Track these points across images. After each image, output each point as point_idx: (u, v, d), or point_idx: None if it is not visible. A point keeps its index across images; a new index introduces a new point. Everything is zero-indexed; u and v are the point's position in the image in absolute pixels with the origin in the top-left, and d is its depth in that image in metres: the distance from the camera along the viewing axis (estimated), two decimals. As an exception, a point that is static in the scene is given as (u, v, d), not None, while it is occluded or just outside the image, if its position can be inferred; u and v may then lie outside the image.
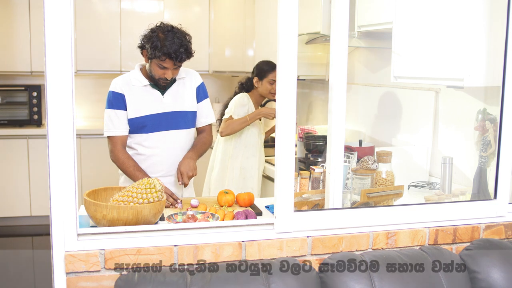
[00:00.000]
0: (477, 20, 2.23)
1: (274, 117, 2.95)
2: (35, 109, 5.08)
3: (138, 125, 2.50)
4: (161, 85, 2.51)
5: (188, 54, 2.44)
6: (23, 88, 5.10)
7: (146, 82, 2.51)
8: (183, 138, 2.60)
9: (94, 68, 5.24)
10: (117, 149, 2.48)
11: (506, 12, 2.01)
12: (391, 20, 2.69)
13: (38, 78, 5.19)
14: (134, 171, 2.44)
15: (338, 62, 1.90)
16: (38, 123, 5.12)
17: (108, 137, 2.51)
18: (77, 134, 1.65)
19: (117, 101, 2.48)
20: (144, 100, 2.50)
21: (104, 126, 2.51)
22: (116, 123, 2.48)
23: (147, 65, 2.49)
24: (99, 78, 5.50)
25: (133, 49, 5.37)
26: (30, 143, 4.97)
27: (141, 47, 2.48)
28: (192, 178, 2.61)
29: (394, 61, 2.67)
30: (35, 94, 5.08)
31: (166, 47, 2.36)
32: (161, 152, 2.55)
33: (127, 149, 2.53)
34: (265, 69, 3.42)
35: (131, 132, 2.52)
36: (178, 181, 2.47)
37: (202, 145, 2.65)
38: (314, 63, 3.83)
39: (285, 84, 1.76)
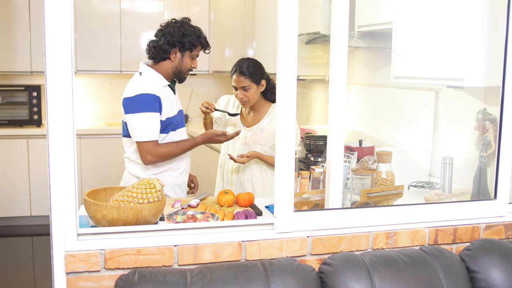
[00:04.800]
0: (477, 20, 2.23)
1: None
2: (35, 109, 5.08)
3: (170, 125, 2.51)
4: (185, 77, 2.56)
5: None
6: (23, 88, 5.09)
7: (167, 82, 2.53)
8: None
9: (94, 68, 5.23)
10: (155, 149, 2.42)
11: (506, 12, 2.01)
12: (391, 20, 2.69)
13: (38, 78, 5.19)
14: (182, 146, 2.51)
15: (338, 62, 1.90)
16: (38, 123, 5.11)
17: (146, 141, 2.40)
18: (77, 134, 1.65)
19: (156, 104, 2.41)
20: (170, 100, 2.53)
21: (143, 130, 2.39)
22: (157, 127, 2.42)
23: (176, 61, 2.48)
24: (99, 78, 5.50)
25: (133, 49, 5.33)
26: (30, 143, 4.96)
27: (172, 44, 2.44)
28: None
29: (394, 61, 2.67)
30: (35, 94, 5.08)
31: (201, 37, 2.50)
32: None
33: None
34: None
35: (162, 131, 2.50)
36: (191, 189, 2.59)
37: None
38: (314, 63, 3.83)
39: (285, 84, 1.76)
